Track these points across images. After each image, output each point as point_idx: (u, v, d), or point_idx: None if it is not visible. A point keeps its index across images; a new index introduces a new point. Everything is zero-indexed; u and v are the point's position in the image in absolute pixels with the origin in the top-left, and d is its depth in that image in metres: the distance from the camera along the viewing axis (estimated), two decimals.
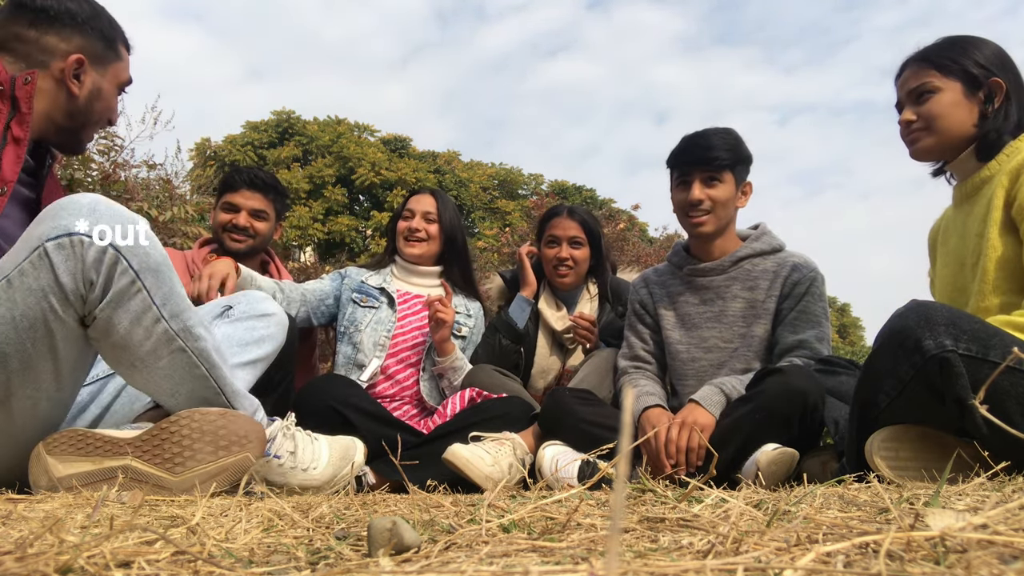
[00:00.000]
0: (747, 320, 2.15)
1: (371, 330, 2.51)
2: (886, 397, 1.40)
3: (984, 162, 1.66)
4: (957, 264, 1.72)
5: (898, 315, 1.38)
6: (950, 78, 1.69)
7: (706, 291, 2.22)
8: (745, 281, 2.17)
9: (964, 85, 1.68)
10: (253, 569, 0.58)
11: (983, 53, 1.68)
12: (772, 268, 2.16)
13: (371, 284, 2.61)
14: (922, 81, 1.72)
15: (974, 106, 1.67)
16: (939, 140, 1.71)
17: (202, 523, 0.80)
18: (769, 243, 2.21)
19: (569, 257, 2.62)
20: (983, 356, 1.28)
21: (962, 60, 1.68)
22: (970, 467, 1.22)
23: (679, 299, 2.26)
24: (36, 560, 0.55)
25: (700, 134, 2.18)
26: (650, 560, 0.55)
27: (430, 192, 2.74)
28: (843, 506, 0.89)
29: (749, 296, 2.16)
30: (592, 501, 0.99)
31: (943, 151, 1.73)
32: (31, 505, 1.09)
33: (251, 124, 20.97)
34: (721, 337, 2.18)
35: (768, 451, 1.72)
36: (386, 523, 0.62)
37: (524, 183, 23.32)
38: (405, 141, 21.95)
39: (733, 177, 2.14)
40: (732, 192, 2.15)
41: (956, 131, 1.69)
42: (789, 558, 0.53)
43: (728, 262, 2.19)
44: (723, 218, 2.16)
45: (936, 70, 1.70)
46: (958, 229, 1.74)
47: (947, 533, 0.53)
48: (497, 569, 0.54)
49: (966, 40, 1.71)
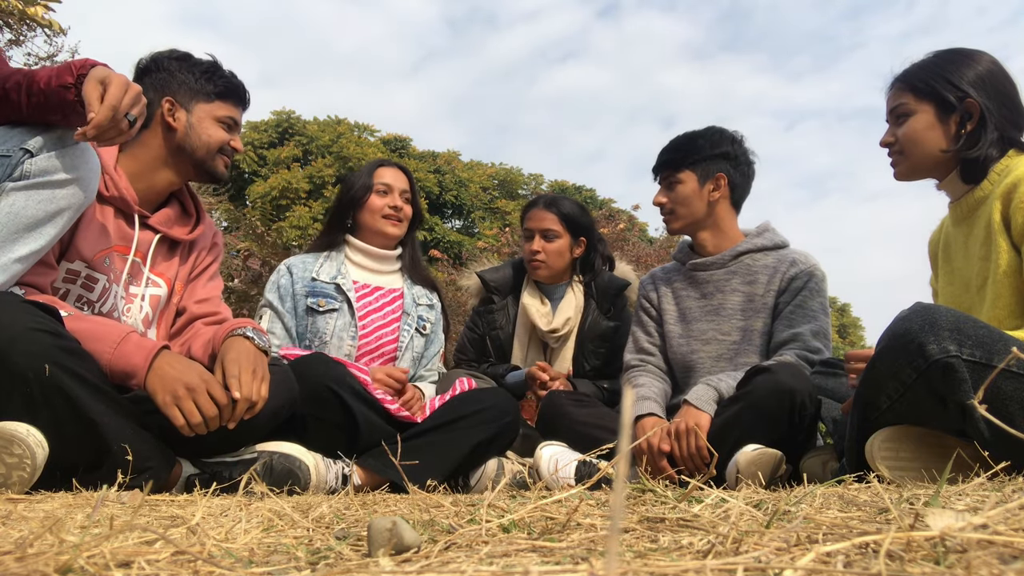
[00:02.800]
0: (746, 314, 2.17)
1: (336, 339, 2.24)
2: (887, 399, 1.40)
3: (970, 184, 1.65)
4: (962, 285, 1.70)
5: (902, 318, 1.37)
6: (923, 100, 1.68)
7: (706, 285, 2.24)
8: (745, 276, 2.19)
9: (937, 108, 1.66)
10: (253, 569, 0.58)
11: (962, 72, 1.65)
12: (772, 263, 2.18)
13: (324, 280, 2.30)
14: (898, 102, 1.73)
15: (949, 128, 1.66)
16: (912, 164, 1.72)
17: (202, 523, 0.80)
18: (771, 239, 2.23)
19: (540, 251, 2.57)
20: (987, 362, 1.27)
21: (936, 82, 1.66)
22: (970, 467, 1.22)
23: (681, 293, 2.29)
24: (36, 560, 0.55)
25: (674, 139, 2.28)
26: (650, 560, 0.55)
27: (402, 168, 2.47)
28: (843, 506, 0.89)
29: (748, 290, 2.18)
30: (592, 501, 0.99)
31: (920, 173, 1.73)
32: (31, 505, 1.09)
33: (251, 124, 20.95)
34: (719, 330, 2.19)
35: (748, 451, 1.73)
36: (386, 523, 0.62)
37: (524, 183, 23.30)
38: (405, 141, 21.94)
39: (694, 174, 2.20)
40: (693, 189, 2.19)
41: (928, 154, 1.68)
42: (789, 558, 0.53)
43: (728, 256, 2.22)
44: (690, 215, 2.21)
45: (911, 92, 1.70)
46: (960, 248, 1.72)
47: (947, 533, 0.53)
48: (497, 569, 0.54)
49: (949, 58, 1.69)
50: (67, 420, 1.36)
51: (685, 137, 2.27)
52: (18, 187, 1.34)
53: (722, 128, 2.27)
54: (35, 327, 1.32)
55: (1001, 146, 1.61)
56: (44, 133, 1.39)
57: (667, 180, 2.24)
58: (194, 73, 1.82)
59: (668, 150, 2.26)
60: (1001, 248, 1.54)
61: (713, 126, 2.28)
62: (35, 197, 1.36)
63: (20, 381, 1.30)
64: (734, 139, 2.25)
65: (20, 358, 1.29)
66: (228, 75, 1.88)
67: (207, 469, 1.57)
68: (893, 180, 1.78)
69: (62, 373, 1.33)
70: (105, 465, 1.40)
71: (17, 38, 6.99)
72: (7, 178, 1.34)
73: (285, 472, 1.63)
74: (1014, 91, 1.66)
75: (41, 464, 1.31)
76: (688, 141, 2.25)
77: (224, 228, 15.38)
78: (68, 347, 1.37)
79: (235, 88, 1.88)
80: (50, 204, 1.37)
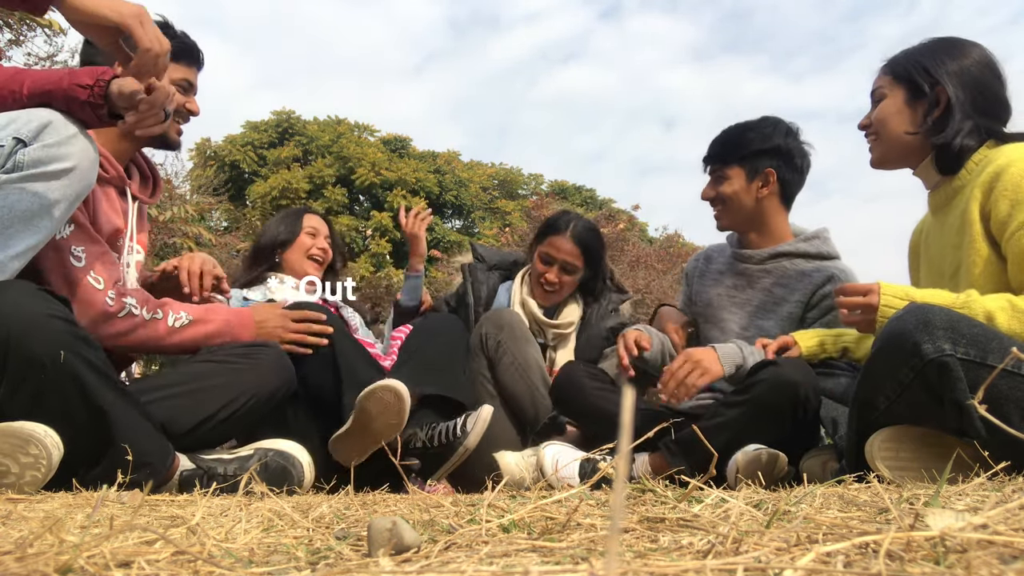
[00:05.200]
0: (766, 313, 2.16)
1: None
2: (885, 399, 1.40)
3: (945, 175, 1.65)
4: (936, 274, 1.71)
5: (897, 318, 1.38)
6: (897, 84, 1.69)
7: (740, 276, 2.23)
8: (779, 277, 2.17)
9: (908, 92, 1.67)
10: (253, 569, 0.58)
11: (941, 60, 1.65)
12: (809, 271, 2.15)
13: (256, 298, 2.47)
14: (877, 86, 1.74)
15: (916, 113, 1.66)
16: (884, 148, 1.72)
17: (202, 523, 0.80)
18: (817, 247, 2.18)
19: (557, 282, 2.52)
20: (982, 360, 1.27)
21: (912, 68, 1.67)
22: (970, 467, 1.22)
23: (718, 277, 2.29)
24: (36, 560, 0.55)
25: (725, 129, 2.19)
26: (650, 560, 0.55)
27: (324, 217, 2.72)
28: (843, 506, 0.89)
29: (779, 292, 2.16)
30: (592, 501, 0.99)
31: (893, 158, 1.73)
32: (31, 505, 1.09)
33: (251, 124, 20.97)
34: (739, 324, 2.19)
35: (748, 451, 1.72)
36: (386, 523, 0.62)
37: (524, 183, 23.31)
38: (405, 141, 21.94)
39: (742, 170, 2.13)
40: (741, 186, 2.13)
41: (895, 136, 1.69)
42: (789, 558, 0.53)
43: (766, 254, 2.19)
44: (737, 211, 2.16)
45: (891, 75, 1.71)
46: (936, 237, 1.72)
47: (947, 533, 0.53)
48: (497, 569, 0.54)
49: (934, 46, 1.69)
50: (76, 408, 1.36)
51: (736, 129, 2.18)
52: (11, 179, 1.30)
53: (777, 119, 2.18)
54: (51, 314, 1.33)
55: (978, 136, 1.61)
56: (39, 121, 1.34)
57: (715, 174, 2.18)
58: None
59: (718, 142, 2.18)
60: (977, 239, 1.55)
61: (768, 117, 2.18)
62: (29, 189, 1.32)
63: (36, 367, 1.31)
64: (788, 131, 2.16)
65: (38, 345, 1.30)
66: (180, 35, 1.81)
67: (203, 465, 1.57)
68: (892, 181, 1.79)
69: (75, 360, 1.34)
70: (104, 461, 1.40)
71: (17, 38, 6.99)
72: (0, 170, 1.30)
73: (280, 470, 1.64)
74: (997, 84, 1.65)
75: (56, 465, 1.31)
76: (739, 134, 2.16)
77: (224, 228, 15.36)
78: (80, 334, 1.38)
79: (188, 49, 1.81)
80: (45, 196, 1.33)
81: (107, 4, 1.28)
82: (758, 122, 2.17)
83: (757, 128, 2.15)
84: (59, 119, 1.35)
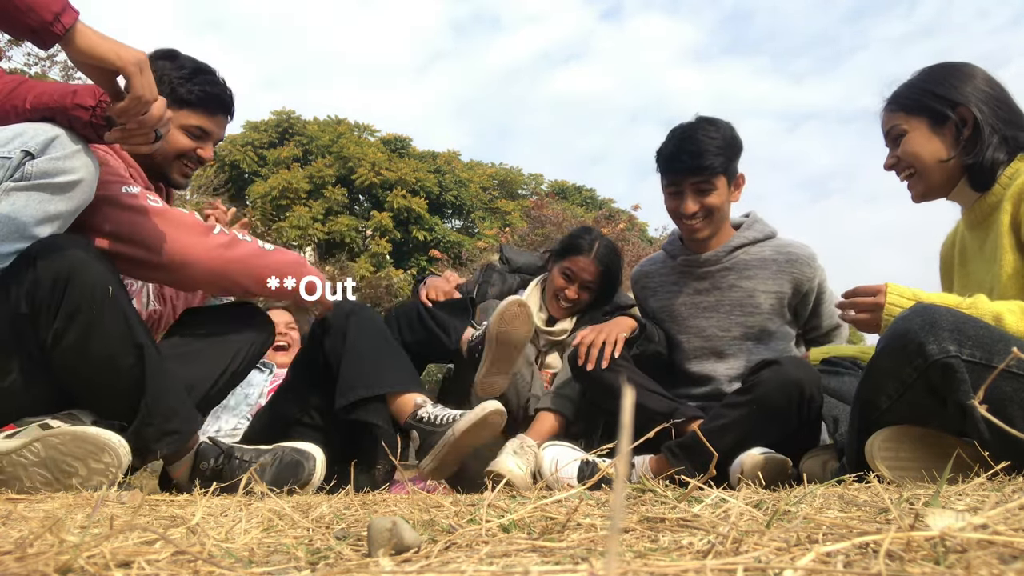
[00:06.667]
0: (744, 308, 2.17)
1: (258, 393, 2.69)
2: (887, 399, 1.40)
3: (980, 191, 1.65)
4: (976, 288, 1.68)
5: (903, 318, 1.37)
6: (914, 116, 1.69)
7: (701, 281, 2.24)
8: (742, 271, 2.19)
9: (929, 120, 1.67)
10: (253, 569, 0.58)
11: (948, 83, 1.65)
12: (770, 257, 2.18)
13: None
14: (892, 124, 1.73)
15: (945, 138, 1.66)
16: (926, 181, 1.70)
17: (202, 523, 0.80)
18: (762, 231, 2.23)
19: (576, 299, 2.53)
20: (987, 362, 1.27)
21: (923, 96, 1.67)
22: (970, 467, 1.21)
23: (674, 289, 2.29)
24: (36, 560, 0.55)
25: (689, 137, 2.09)
26: (650, 560, 0.55)
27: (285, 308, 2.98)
28: (843, 506, 0.89)
29: (747, 285, 2.18)
30: (592, 501, 0.99)
31: (937, 188, 1.71)
32: (31, 505, 1.09)
33: (251, 124, 20.95)
34: (719, 326, 2.20)
35: (754, 455, 1.72)
36: (386, 523, 0.62)
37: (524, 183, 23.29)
38: (405, 141, 21.92)
39: (726, 178, 2.12)
40: (726, 194, 2.13)
41: (933, 167, 1.67)
42: (789, 558, 0.53)
43: (723, 252, 2.20)
44: (719, 220, 2.17)
45: (902, 111, 1.71)
46: (976, 253, 1.72)
47: (947, 533, 0.53)
48: (497, 569, 0.54)
49: (932, 72, 1.70)
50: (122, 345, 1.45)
51: (722, 135, 2.08)
52: (19, 187, 1.37)
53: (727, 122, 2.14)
54: (98, 257, 1.47)
55: (1007, 148, 1.61)
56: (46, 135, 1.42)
57: (704, 186, 2.09)
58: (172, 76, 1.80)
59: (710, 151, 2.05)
60: (1006, 251, 1.55)
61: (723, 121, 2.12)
62: (35, 198, 1.39)
63: (87, 299, 1.41)
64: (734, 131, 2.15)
65: (90, 276, 1.41)
66: (206, 83, 1.84)
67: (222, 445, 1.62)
68: (892, 181, 1.77)
69: (121, 296, 1.47)
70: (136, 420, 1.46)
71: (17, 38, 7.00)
72: (8, 179, 1.37)
73: (292, 462, 1.66)
74: (1005, 93, 1.66)
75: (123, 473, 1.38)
76: (726, 141, 2.09)
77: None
78: (121, 280, 1.51)
79: (210, 97, 1.84)
80: (49, 206, 1.40)
81: (111, 48, 1.33)
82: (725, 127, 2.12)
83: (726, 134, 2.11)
84: (65, 134, 1.42)
